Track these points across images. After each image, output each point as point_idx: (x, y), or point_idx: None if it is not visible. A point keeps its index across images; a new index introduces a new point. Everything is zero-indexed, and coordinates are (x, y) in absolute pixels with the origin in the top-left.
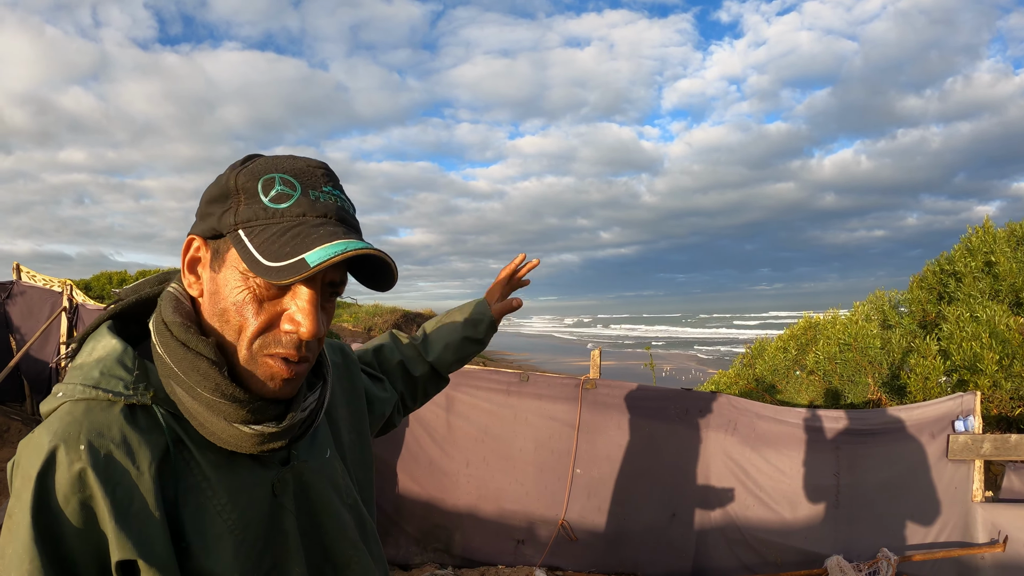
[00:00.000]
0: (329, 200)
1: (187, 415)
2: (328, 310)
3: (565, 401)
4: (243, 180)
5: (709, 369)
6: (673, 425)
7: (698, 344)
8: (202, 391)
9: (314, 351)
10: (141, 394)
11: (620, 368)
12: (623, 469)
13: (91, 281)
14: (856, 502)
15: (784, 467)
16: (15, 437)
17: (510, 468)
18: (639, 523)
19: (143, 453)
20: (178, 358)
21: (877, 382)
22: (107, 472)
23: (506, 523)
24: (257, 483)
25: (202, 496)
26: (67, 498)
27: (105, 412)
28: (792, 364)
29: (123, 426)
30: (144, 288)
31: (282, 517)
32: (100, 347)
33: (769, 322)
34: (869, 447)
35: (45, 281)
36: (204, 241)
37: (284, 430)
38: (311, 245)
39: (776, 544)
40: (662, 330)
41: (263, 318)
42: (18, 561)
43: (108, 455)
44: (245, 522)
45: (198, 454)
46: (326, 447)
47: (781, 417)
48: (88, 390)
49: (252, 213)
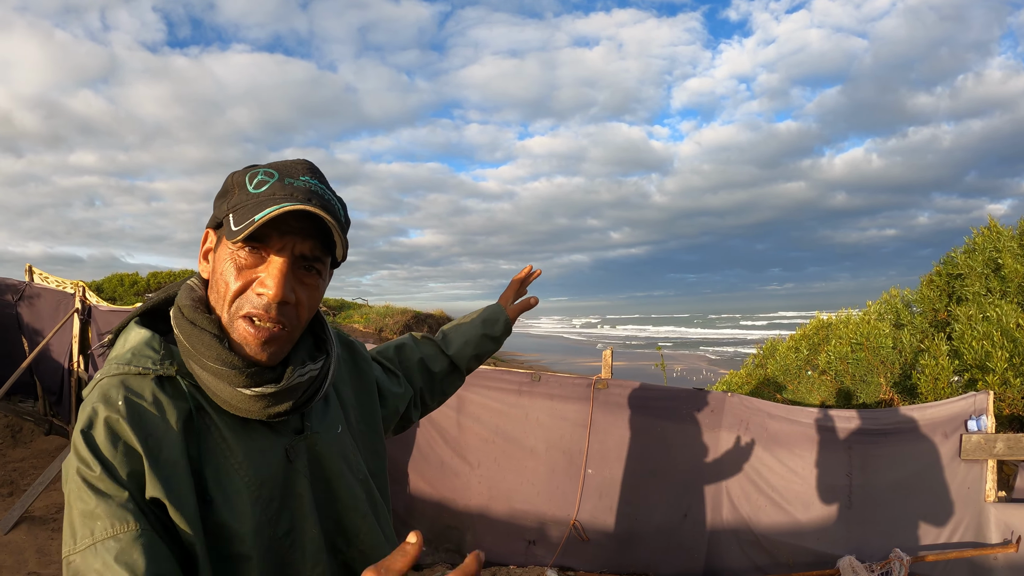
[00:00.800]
0: (301, 185)
1: (203, 386)
2: (309, 284)
3: (577, 401)
4: (237, 177)
5: (720, 369)
6: (685, 425)
7: (709, 344)
8: (208, 361)
9: (290, 318)
10: (166, 368)
11: (631, 368)
12: (635, 469)
13: (103, 283)
14: (868, 502)
15: (796, 467)
16: (27, 437)
17: (521, 468)
18: (651, 523)
19: (171, 412)
20: (188, 334)
21: (889, 382)
22: (140, 423)
23: (517, 523)
24: (270, 447)
25: (221, 456)
26: (106, 445)
27: (138, 380)
28: (804, 364)
29: (154, 390)
30: (172, 288)
31: (296, 481)
32: (131, 338)
33: (779, 322)
34: (881, 447)
35: (58, 283)
36: (212, 231)
37: (283, 390)
38: (264, 208)
39: (788, 544)
40: (672, 330)
41: (240, 283)
42: (82, 510)
43: (142, 410)
44: (260, 480)
45: (217, 419)
46: (337, 423)
47: (793, 417)
48: (122, 367)
49: (238, 200)
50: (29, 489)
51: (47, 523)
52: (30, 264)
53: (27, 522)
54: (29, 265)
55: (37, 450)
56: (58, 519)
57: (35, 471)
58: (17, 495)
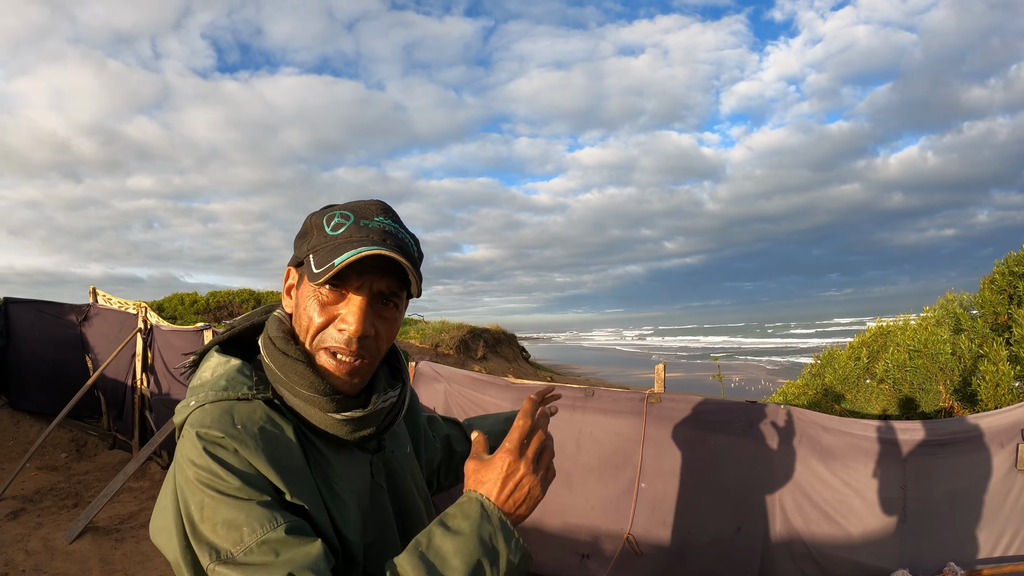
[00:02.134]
0: (376, 226)
1: (295, 410)
2: (387, 318)
3: (630, 415)
4: (315, 219)
5: (778, 379)
6: (738, 438)
7: (765, 354)
8: (300, 388)
9: (370, 350)
10: (262, 393)
11: (687, 380)
12: (688, 482)
13: (164, 302)
14: (923, 515)
15: (850, 480)
16: (92, 451)
17: (575, 483)
18: (703, 537)
19: (287, 428)
20: (280, 364)
21: (948, 390)
22: (262, 440)
23: (571, 537)
24: (358, 464)
25: (326, 470)
26: (235, 459)
27: (245, 405)
28: (863, 373)
29: (265, 410)
30: (255, 316)
31: (379, 495)
32: (218, 366)
33: (836, 329)
34: (937, 458)
35: (120, 304)
36: (295, 268)
37: (370, 414)
38: (342, 252)
39: (842, 559)
40: (728, 340)
41: (323, 319)
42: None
43: (261, 428)
44: (358, 493)
45: (314, 437)
46: (406, 444)
47: (847, 429)
48: (220, 393)
49: (317, 241)
50: (94, 501)
51: (110, 533)
52: (94, 286)
53: (91, 532)
54: (93, 287)
55: (101, 464)
56: (121, 529)
57: (99, 484)
58: (82, 507)
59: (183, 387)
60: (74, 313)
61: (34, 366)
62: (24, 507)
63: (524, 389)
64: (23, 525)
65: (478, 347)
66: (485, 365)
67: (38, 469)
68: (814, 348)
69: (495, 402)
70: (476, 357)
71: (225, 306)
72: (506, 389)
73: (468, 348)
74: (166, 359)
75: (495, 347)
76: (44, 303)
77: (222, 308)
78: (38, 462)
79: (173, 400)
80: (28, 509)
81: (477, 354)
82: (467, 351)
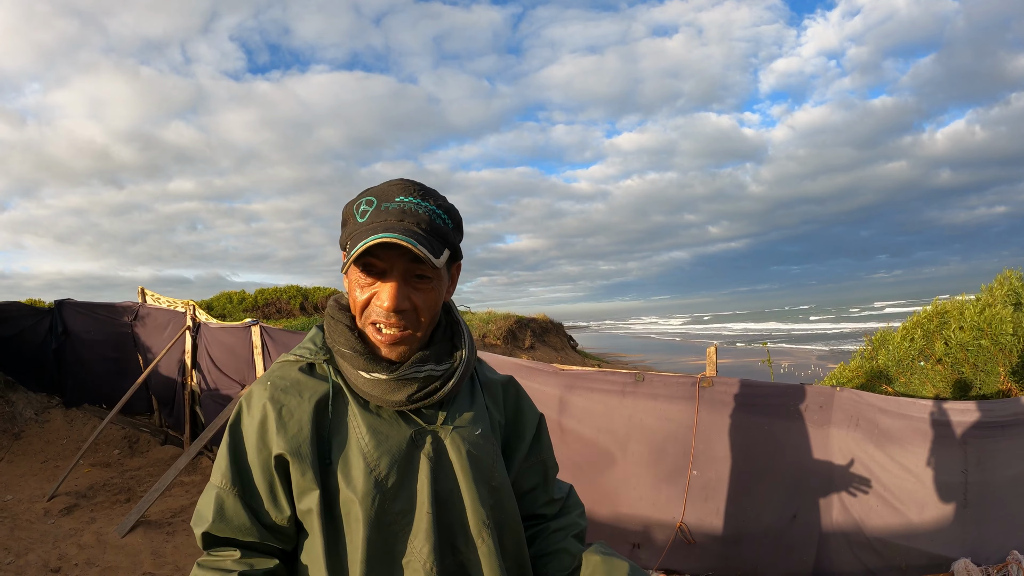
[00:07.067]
0: (395, 207)
1: (342, 371)
2: (423, 289)
3: (681, 401)
4: (349, 207)
5: (828, 364)
6: (792, 422)
7: (815, 339)
8: (340, 347)
9: (411, 320)
10: (316, 356)
11: (736, 366)
12: (741, 469)
13: (212, 301)
14: (985, 501)
15: (909, 464)
16: (144, 447)
17: (625, 471)
18: (758, 525)
19: (308, 390)
20: (329, 327)
21: (1007, 370)
22: (278, 398)
23: (622, 527)
24: (396, 432)
25: (349, 430)
26: (249, 417)
27: (289, 366)
28: (918, 354)
29: (297, 374)
30: None
31: (418, 467)
32: (308, 335)
33: (886, 313)
34: (999, 441)
35: (169, 303)
36: (344, 254)
37: (394, 380)
38: (360, 240)
39: (901, 547)
40: (777, 326)
41: (364, 297)
42: (218, 461)
43: (283, 388)
44: (379, 456)
45: (352, 400)
46: (479, 426)
47: (905, 411)
48: (289, 354)
49: (351, 229)
50: (145, 496)
51: (162, 527)
52: (142, 286)
53: (143, 526)
54: (142, 287)
55: (153, 459)
56: (173, 523)
57: (151, 479)
58: (134, 501)
59: (231, 382)
60: (126, 314)
61: (88, 366)
62: (78, 503)
63: (572, 376)
64: (76, 520)
65: (525, 336)
66: (533, 354)
67: (91, 466)
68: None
69: (543, 389)
70: (524, 347)
71: (273, 303)
72: (554, 376)
73: (515, 338)
74: (214, 356)
75: (542, 336)
76: (96, 304)
77: (270, 305)
78: (91, 459)
79: (222, 395)
80: (81, 505)
81: (524, 343)
82: (514, 340)
